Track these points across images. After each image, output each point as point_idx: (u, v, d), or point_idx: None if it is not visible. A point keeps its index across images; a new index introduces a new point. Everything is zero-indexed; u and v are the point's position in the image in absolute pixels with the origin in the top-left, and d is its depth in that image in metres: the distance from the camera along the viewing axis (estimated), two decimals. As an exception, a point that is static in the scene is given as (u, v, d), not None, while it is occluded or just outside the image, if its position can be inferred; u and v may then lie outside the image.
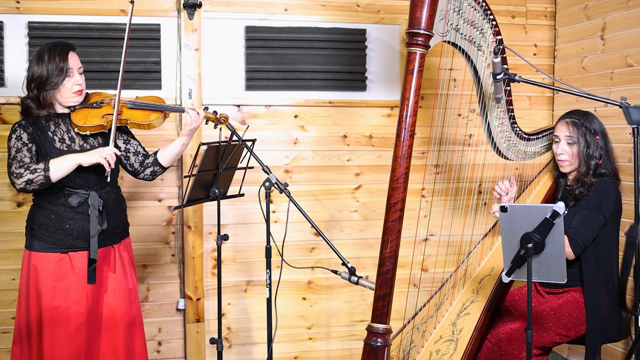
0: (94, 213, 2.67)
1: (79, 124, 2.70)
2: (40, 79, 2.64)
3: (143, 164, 2.92)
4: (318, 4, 3.88)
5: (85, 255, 2.69)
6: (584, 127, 2.91)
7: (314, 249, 3.94)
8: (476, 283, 3.07)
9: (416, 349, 2.93)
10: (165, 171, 2.96)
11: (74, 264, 2.68)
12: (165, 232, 3.78)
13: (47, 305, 2.63)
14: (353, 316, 4.02)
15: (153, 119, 2.81)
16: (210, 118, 2.96)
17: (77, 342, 2.66)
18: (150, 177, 2.95)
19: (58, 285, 2.65)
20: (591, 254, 2.83)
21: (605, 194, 2.83)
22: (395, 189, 2.62)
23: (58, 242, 2.67)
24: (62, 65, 2.65)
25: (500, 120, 3.05)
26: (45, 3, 3.54)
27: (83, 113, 2.74)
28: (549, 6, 4.15)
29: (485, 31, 2.86)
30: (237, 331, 3.89)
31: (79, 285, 2.67)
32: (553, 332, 2.83)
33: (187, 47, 3.68)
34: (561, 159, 2.98)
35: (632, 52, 3.45)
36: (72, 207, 2.67)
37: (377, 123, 3.98)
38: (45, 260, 2.66)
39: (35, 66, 2.65)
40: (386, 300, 2.62)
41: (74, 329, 2.65)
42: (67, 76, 2.67)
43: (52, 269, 2.65)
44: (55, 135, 2.70)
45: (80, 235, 2.67)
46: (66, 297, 2.65)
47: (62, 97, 2.70)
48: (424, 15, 2.57)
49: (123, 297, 2.78)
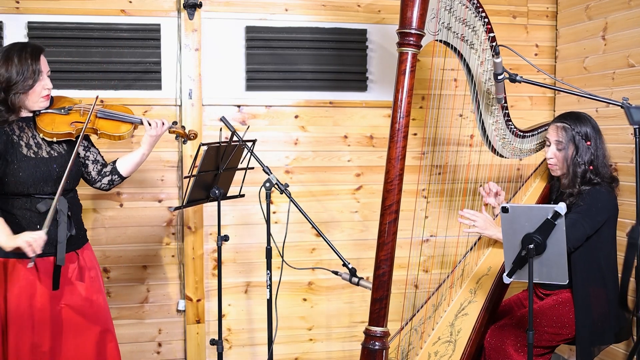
0: (62, 218, 2.56)
1: (46, 130, 2.60)
2: (8, 81, 2.51)
3: (100, 173, 2.81)
4: (318, 4, 3.87)
5: (51, 261, 2.59)
6: (574, 132, 2.87)
7: (315, 249, 3.93)
8: (474, 283, 3.06)
9: (414, 351, 2.92)
10: (123, 181, 2.85)
11: (39, 270, 2.57)
12: (165, 233, 3.77)
13: (12, 310, 2.53)
14: (354, 317, 4.01)
15: (123, 131, 2.75)
16: (179, 132, 2.90)
17: (41, 348, 2.56)
18: (107, 186, 2.83)
19: (23, 292, 2.54)
20: (581, 255, 2.81)
21: (596, 202, 2.79)
22: (390, 191, 2.61)
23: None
24: (34, 67, 2.54)
25: (495, 118, 3.04)
26: (45, 3, 3.54)
27: (49, 118, 2.64)
28: (550, 6, 4.14)
29: (477, 29, 2.85)
30: (237, 332, 3.88)
31: (43, 292, 2.56)
32: (544, 331, 2.83)
33: (187, 47, 3.68)
34: (550, 163, 2.98)
35: (633, 52, 3.44)
36: (39, 213, 2.57)
37: (377, 123, 3.97)
38: (10, 265, 2.55)
39: (3, 68, 2.52)
40: (383, 303, 2.61)
41: (38, 334, 2.55)
42: (38, 80, 2.57)
43: (18, 275, 2.55)
44: (22, 140, 2.59)
45: (48, 241, 2.52)
46: (30, 303, 2.55)
47: (30, 101, 2.59)
48: (415, 14, 2.56)
49: (89, 302, 2.69)
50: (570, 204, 2.83)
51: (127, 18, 3.64)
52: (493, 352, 2.86)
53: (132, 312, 3.73)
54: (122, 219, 3.71)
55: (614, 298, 2.83)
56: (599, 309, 2.81)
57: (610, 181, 2.88)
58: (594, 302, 2.81)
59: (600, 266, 2.83)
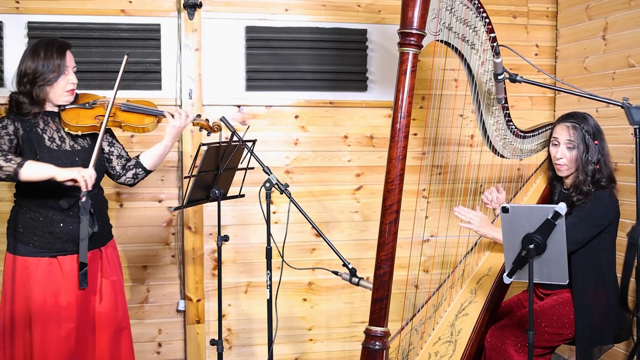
0: (85, 216, 2.59)
1: (71, 124, 2.66)
2: (34, 74, 2.58)
3: (125, 167, 2.85)
4: (319, 4, 3.87)
5: (74, 259, 2.63)
6: (584, 131, 2.87)
7: (315, 249, 3.93)
8: (474, 283, 3.06)
9: (415, 351, 2.91)
10: (147, 175, 2.87)
11: (63, 268, 2.62)
12: (165, 233, 3.77)
13: (36, 310, 2.57)
14: (354, 317, 4.01)
15: (147, 123, 2.79)
16: (203, 125, 2.93)
17: (68, 346, 2.61)
18: (131, 180, 2.85)
19: (48, 290, 2.59)
20: (581, 256, 2.81)
21: (598, 208, 2.79)
22: (391, 191, 2.60)
23: (47, 245, 2.60)
24: (59, 62, 2.61)
25: (496, 119, 3.03)
26: (45, 3, 3.54)
27: (74, 113, 2.70)
28: (550, 6, 4.14)
29: (478, 29, 2.85)
30: (237, 332, 3.88)
31: (69, 289, 2.61)
32: (545, 331, 2.83)
33: (187, 47, 3.67)
34: (560, 163, 2.95)
35: (634, 53, 3.44)
36: (62, 210, 2.61)
37: (378, 123, 3.97)
38: (34, 264, 2.59)
39: (30, 61, 2.60)
40: (383, 303, 2.61)
41: (64, 334, 2.60)
42: (63, 74, 2.63)
43: (41, 274, 2.59)
44: (45, 133, 2.65)
45: (70, 239, 2.61)
46: (56, 302, 2.59)
47: (55, 95, 2.65)
48: (416, 14, 2.55)
49: (112, 300, 2.74)
50: (577, 201, 2.84)
51: (127, 18, 3.64)
52: (493, 352, 2.86)
53: (132, 312, 3.72)
54: (122, 219, 3.70)
55: (614, 298, 2.83)
56: (599, 309, 2.81)
57: (610, 181, 2.88)
58: (594, 303, 2.81)
59: (601, 266, 2.83)
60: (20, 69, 2.63)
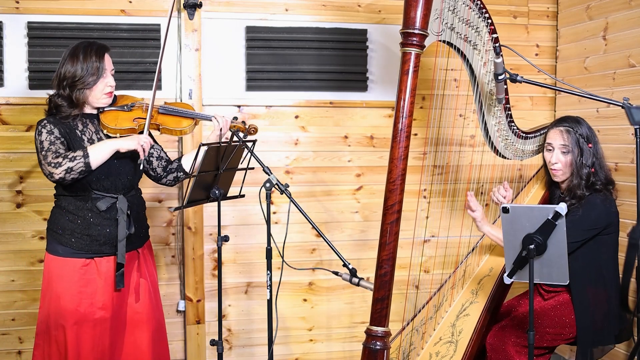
0: (122, 217, 2.64)
1: (110, 126, 2.68)
2: (73, 77, 2.60)
3: (166, 169, 2.91)
4: (319, 4, 3.87)
5: (111, 260, 2.67)
6: (577, 134, 2.86)
7: (315, 250, 3.93)
8: (475, 284, 3.06)
9: (416, 351, 2.91)
10: (187, 178, 2.92)
11: (100, 270, 2.65)
12: (165, 233, 3.77)
13: (71, 310, 2.60)
14: (354, 318, 4.00)
15: (185, 126, 2.82)
16: (239, 127, 2.95)
17: (102, 344, 2.65)
18: (172, 182, 2.94)
19: (84, 291, 2.62)
20: (581, 256, 2.80)
21: (589, 214, 2.78)
22: (392, 191, 2.60)
23: (84, 247, 2.63)
24: (97, 65, 2.63)
25: (498, 119, 3.03)
26: (45, 3, 3.54)
27: (112, 115, 2.72)
28: (551, 6, 4.14)
29: (480, 30, 2.84)
30: (237, 333, 3.88)
31: (105, 290, 2.65)
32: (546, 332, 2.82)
33: (187, 47, 3.67)
34: (555, 168, 2.93)
35: (634, 53, 3.43)
36: (99, 212, 2.64)
37: (378, 123, 3.97)
38: (70, 265, 2.62)
39: (69, 64, 2.61)
40: (385, 302, 2.61)
41: (99, 332, 2.64)
42: (102, 77, 2.64)
43: (77, 275, 2.62)
44: (84, 135, 2.67)
45: (108, 241, 2.64)
46: (92, 302, 2.62)
47: (93, 98, 2.67)
48: (419, 14, 2.56)
49: (149, 300, 2.78)
50: (570, 206, 2.82)
51: (127, 18, 3.64)
52: (494, 352, 2.86)
53: (132, 313, 3.73)
54: (122, 219, 3.70)
55: (615, 299, 2.83)
56: (600, 310, 2.81)
57: (606, 183, 2.86)
58: (595, 303, 2.80)
59: (601, 267, 2.82)
60: (59, 72, 2.63)
